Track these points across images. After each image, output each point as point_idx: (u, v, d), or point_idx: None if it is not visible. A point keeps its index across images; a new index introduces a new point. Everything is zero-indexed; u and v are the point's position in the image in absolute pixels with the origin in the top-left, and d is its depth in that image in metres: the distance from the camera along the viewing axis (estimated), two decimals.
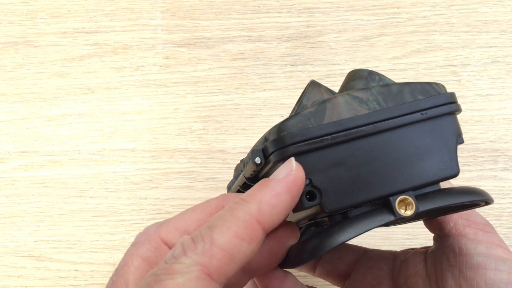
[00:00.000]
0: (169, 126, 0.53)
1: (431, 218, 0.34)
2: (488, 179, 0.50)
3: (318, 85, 0.30)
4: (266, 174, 0.29)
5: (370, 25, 0.55)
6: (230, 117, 0.53)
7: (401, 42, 0.54)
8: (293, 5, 0.56)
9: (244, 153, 0.52)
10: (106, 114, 0.53)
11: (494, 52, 0.53)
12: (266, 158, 0.27)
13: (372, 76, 0.30)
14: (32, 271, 0.50)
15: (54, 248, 0.50)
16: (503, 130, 0.51)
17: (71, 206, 0.51)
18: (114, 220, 0.51)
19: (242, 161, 0.32)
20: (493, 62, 0.53)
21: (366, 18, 0.55)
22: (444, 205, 0.27)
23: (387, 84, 0.28)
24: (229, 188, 0.36)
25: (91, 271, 0.50)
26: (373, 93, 0.27)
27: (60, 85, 0.54)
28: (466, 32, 0.54)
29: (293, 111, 0.30)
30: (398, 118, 0.27)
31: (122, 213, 0.51)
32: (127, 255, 0.27)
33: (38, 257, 0.50)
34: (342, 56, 0.54)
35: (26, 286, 0.50)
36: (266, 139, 0.27)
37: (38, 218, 0.51)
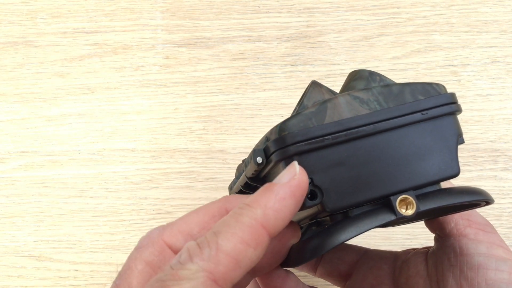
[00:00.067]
0: (169, 126, 0.53)
1: (432, 219, 0.34)
2: (488, 179, 0.50)
3: (319, 85, 0.30)
4: (268, 173, 0.29)
5: (370, 25, 0.55)
6: (230, 117, 0.53)
7: (401, 42, 0.54)
8: (293, 5, 0.56)
9: (244, 153, 0.52)
10: (106, 114, 0.53)
11: (494, 52, 0.53)
12: (267, 157, 0.27)
13: (373, 76, 0.30)
14: (32, 271, 0.50)
15: (54, 248, 0.50)
16: (503, 130, 0.51)
17: (71, 206, 0.51)
18: (114, 220, 0.51)
19: (243, 161, 0.32)
20: (493, 62, 0.53)
21: (366, 18, 0.55)
22: (444, 204, 0.27)
23: (388, 84, 0.28)
24: (230, 188, 0.36)
25: (91, 271, 0.50)
26: (374, 93, 0.27)
27: (60, 85, 0.54)
28: (466, 32, 0.54)
29: (294, 111, 0.31)
30: (399, 118, 0.27)
31: (122, 213, 0.51)
32: (131, 259, 0.27)
33: (38, 257, 0.50)
34: (342, 56, 0.54)
35: (26, 286, 0.50)
36: (267, 139, 0.28)
37: (38, 218, 0.51)
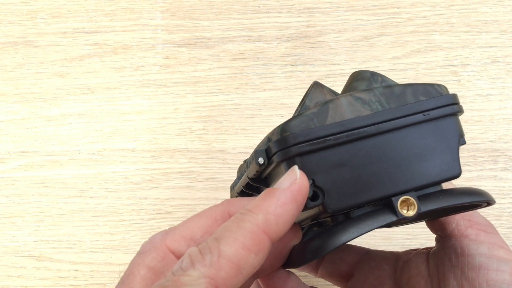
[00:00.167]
0: (169, 126, 0.53)
1: (434, 219, 0.34)
2: (488, 179, 0.50)
3: (321, 86, 0.30)
4: (270, 174, 0.29)
5: (370, 25, 0.55)
6: (230, 117, 0.53)
7: (401, 42, 0.54)
8: (293, 5, 0.56)
9: (244, 153, 0.52)
10: (106, 114, 0.53)
11: (494, 52, 0.53)
12: (269, 158, 0.27)
13: (374, 77, 0.30)
14: (32, 271, 0.50)
15: (54, 248, 0.50)
16: (503, 130, 0.51)
17: (71, 206, 0.51)
18: (114, 220, 0.51)
19: (245, 161, 0.32)
20: (493, 62, 0.53)
21: (366, 18, 0.55)
22: (445, 205, 0.27)
23: (390, 85, 0.28)
24: (232, 188, 0.36)
25: (91, 271, 0.50)
26: (375, 94, 0.27)
27: (60, 85, 0.54)
28: (466, 32, 0.54)
29: (296, 112, 0.31)
30: (401, 119, 0.27)
31: (122, 213, 0.51)
32: (133, 264, 0.27)
33: (38, 257, 0.50)
34: (342, 56, 0.54)
35: (26, 286, 0.50)
36: (269, 140, 0.28)
37: (38, 218, 0.51)
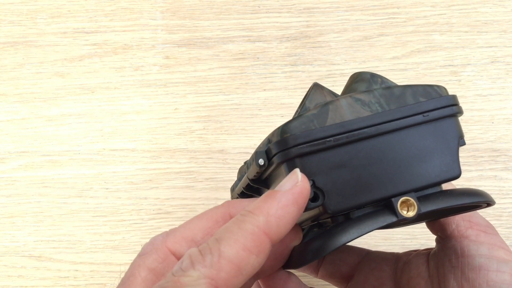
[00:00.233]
0: (169, 126, 0.53)
1: (434, 220, 0.34)
2: (488, 179, 0.50)
3: (321, 87, 0.30)
4: (270, 175, 0.29)
5: (370, 25, 0.55)
6: (230, 117, 0.53)
7: (401, 42, 0.54)
8: (293, 5, 0.56)
9: (244, 153, 0.52)
10: (106, 114, 0.53)
11: (494, 52, 0.53)
12: (269, 159, 0.27)
13: (374, 78, 0.30)
14: (32, 271, 0.50)
15: (54, 248, 0.50)
16: (503, 130, 0.51)
17: (71, 206, 0.51)
18: (114, 220, 0.51)
19: (245, 163, 0.32)
20: (493, 62, 0.53)
21: (366, 18, 0.55)
22: (445, 206, 0.27)
23: (389, 86, 0.28)
24: (232, 190, 0.36)
25: (91, 271, 0.50)
26: (375, 95, 0.28)
27: (60, 85, 0.54)
28: (466, 32, 0.54)
29: (296, 113, 0.31)
30: (400, 120, 0.27)
31: (122, 213, 0.51)
32: (134, 266, 0.27)
33: (38, 257, 0.50)
34: (342, 56, 0.54)
35: (26, 286, 0.50)
36: (269, 141, 0.28)
37: (38, 218, 0.51)
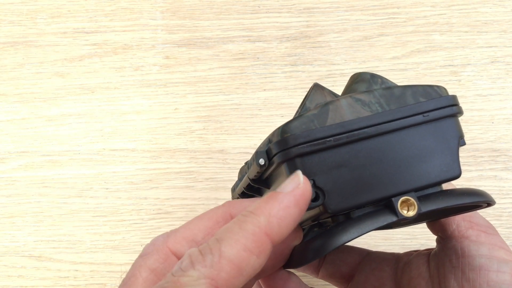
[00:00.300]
0: (169, 126, 0.53)
1: (434, 220, 0.34)
2: (488, 179, 0.50)
3: (321, 88, 0.30)
4: (270, 175, 0.29)
5: (370, 25, 0.55)
6: (230, 117, 0.53)
7: (401, 42, 0.54)
8: (293, 5, 0.56)
9: (244, 153, 0.52)
10: (106, 114, 0.53)
11: (494, 52, 0.53)
12: (270, 159, 0.27)
13: (374, 79, 0.30)
14: (32, 271, 0.50)
15: (54, 248, 0.50)
16: (503, 130, 0.51)
17: (71, 206, 0.51)
18: (114, 220, 0.51)
19: (246, 163, 0.32)
20: (493, 62, 0.53)
21: (366, 18, 0.55)
22: (446, 206, 0.27)
23: (390, 86, 0.28)
24: (233, 190, 0.36)
25: (91, 271, 0.50)
26: (375, 95, 0.28)
27: (60, 85, 0.54)
28: (466, 32, 0.54)
29: (296, 114, 0.31)
30: (400, 120, 0.27)
31: (122, 213, 0.51)
32: (135, 267, 0.27)
33: (38, 257, 0.50)
34: (342, 56, 0.54)
35: (26, 286, 0.50)
36: (270, 141, 0.28)
37: (38, 218, 0.51)
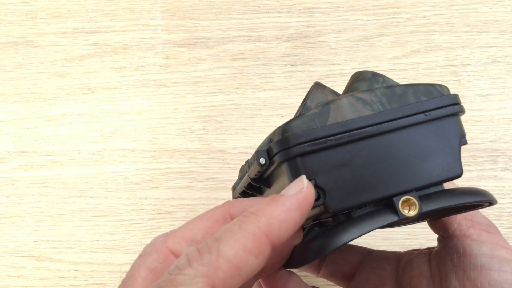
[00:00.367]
0: (169, 126, 0.53)
1: (435, 219, 0.34)
2: (488, 179, 0.50)
3: (323, 86, 0.30)
4: (271, 174, 0.29)
5: (370, 25, 0.55)
6: (230, 117, 0.53)
7: (401, 42, 0.54)
8: (293, 5, 0.56)
9: (244, 153, 0.52)
10: (106, 114, 0.53)
11: (494, 52, 0.53)
12: (270, 158, 0.27)
13: (376, 77, 0.30)
14: (32, 271, 0.50)
15: (54, 248, 0.50)
16: (503, 130, 0.51)
17: (71, 206, 0.51)
18: (114, 220, 0.51)
19: (247, 162, 0.32)
20: (493, 62, 0.53)
21: (366, 18, 0.55)
22: (447, 205, 0.27)
23: (391, 85, 0.28)
24: (233, 189, 0.36)
25: (91, 271, 0.50)
26: (377, 94, 0.27)
27: (60, 85, 0.54)
28: (466, 32, 0.54)
29: (297, 113, 0.31)
30: (402, 119, 0.27)
31: (122, 213, 0.51)
32: (134, 266, 0.27)
33: (38, 257, 0.50)
34: (342, 56, 0.54)
35: (26, 286, 0.50)
36: (270, 140, 0.28)
37: (38, 218, 0.51)
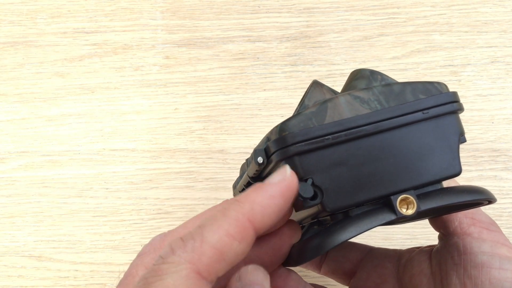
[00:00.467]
0: (169, 126, 0.53)
1: (436, 217, 0.34)
2: (488, 179, 0.50)
3: (320, 85, 0.30)
4: (269, 173, 0.29)
5: (370, 25, 0.55)
6: (230, 117, 0.53)
7: (401, 42, 0.54)
8: (293, 5, 0.56)
9: (244, 153, 0.52)
10: (106, 114, 0.53)
11: (494, 52, 0.53)
12: (268, 157, 0.27)
13: (374, 75, 0.30)
14: (32, 271, 0.50)
15: (54, 248, 0.50)
16: (503, 130, 0.51)
17: (71, 206, 0.51)
18: (114, 220, 0.51)
19: (247, 160, 0.32)
20: (493, 62, 0.53)
21: (366, 18, 0.55)
22: (445, 204, 0.27)
23: (389, 83, 0.28)
24: (234, 187, 0.36)
25: (91, 271, 0.50)
26: (374, 92, 0.27)
27: (60, 85, 0.54)
28: (466, 32, 0.54)
29: (295, 111, 0.31)
30: (400, 117, 0.27)
31: (122, 213, 0.51)
32: (133, 266, 0.27)
33: (38, 257, 0.50)
34: (342, 56, 0.54)
35: (26, 286, 0.50)
36: (268, 139, 0.28)
37: (38, 218, 0.51)
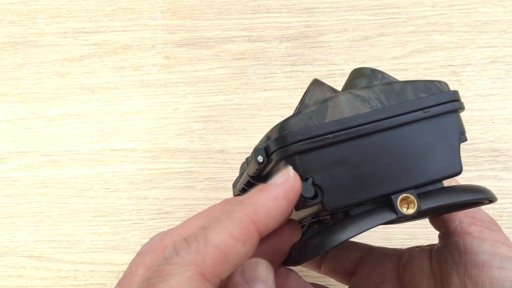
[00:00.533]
0: (169, 126, 0.53)
1: (436, 216, 0.34)
2: (488, 179, 0.50)
3: (321, 83, 0.30)
4: (269, 172, 0.29)
5: (370, 25, 0.55)
6: (230, 117, 0.53)
7: (401, 42, 0.54)
8: (293, 5, 0.56)
9: (244, 153, 0.52)
10: (106, 114, 0.53)
11: (494, 52, 0.53)
12: (268, 156, 0.27)
13: (375, 74, 0.30)
14: (32, 271, 0.50)
15: (54, 248, 0.50)
16: (503, 130, 0.51)
17: (71, 206, 0.51)
18: (114, 220, 0.51)
19: (247, 159, 0.32)
20: (493, 62, 0.53)
21: (366, 18, 0.55)
22: (445, 203, 0.27)
23: (390, 82, 0.28)
24: (234, 186, 0.36)
25: (91, 271, 0.50)
26: (375, 91, 0.27)
27: (60, 85, 0.54)
28: (466, 32, 0.54)
29: (296, 110, 0.30)
30: (400, 116, 0.27)
31: (122, 213, 0.51)
32: (132, 265, 0.27)
33: (38, 257, 0.50)
34: (342, 56, 0.54)
35: (26, 286, 0.50)
36: (268, 138, 0.27)
37: (38, 218, 0.51)
